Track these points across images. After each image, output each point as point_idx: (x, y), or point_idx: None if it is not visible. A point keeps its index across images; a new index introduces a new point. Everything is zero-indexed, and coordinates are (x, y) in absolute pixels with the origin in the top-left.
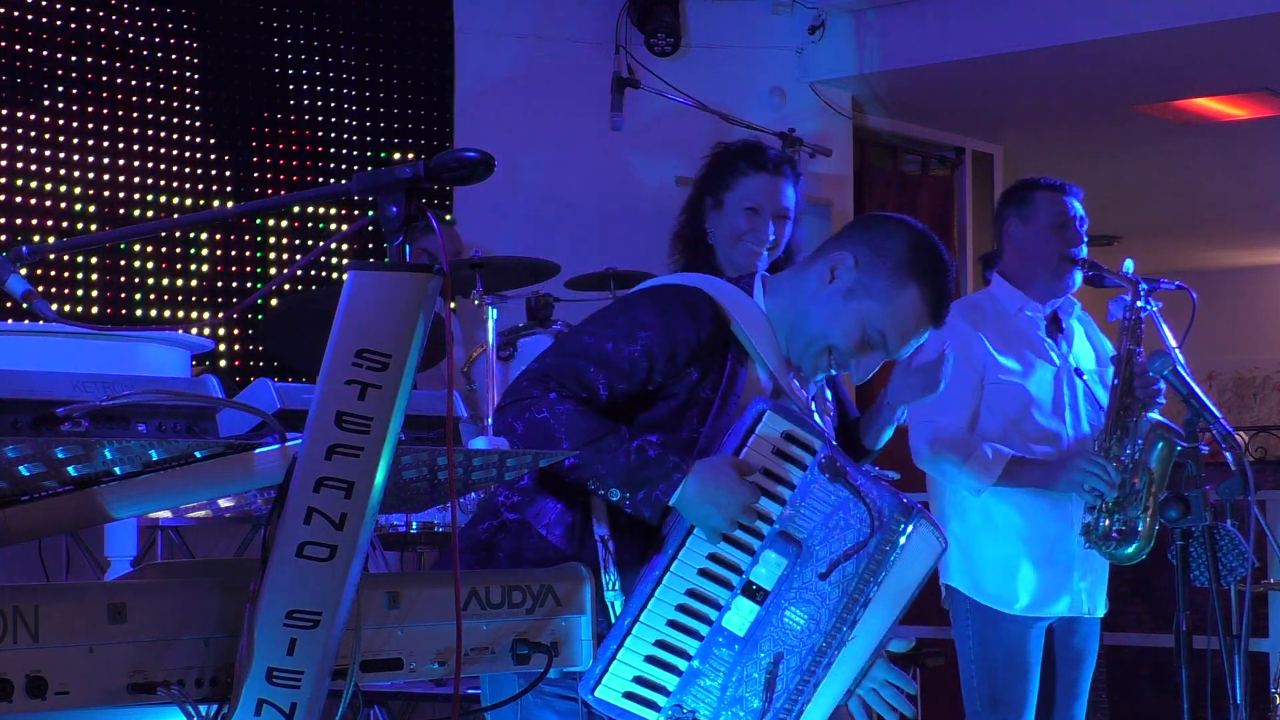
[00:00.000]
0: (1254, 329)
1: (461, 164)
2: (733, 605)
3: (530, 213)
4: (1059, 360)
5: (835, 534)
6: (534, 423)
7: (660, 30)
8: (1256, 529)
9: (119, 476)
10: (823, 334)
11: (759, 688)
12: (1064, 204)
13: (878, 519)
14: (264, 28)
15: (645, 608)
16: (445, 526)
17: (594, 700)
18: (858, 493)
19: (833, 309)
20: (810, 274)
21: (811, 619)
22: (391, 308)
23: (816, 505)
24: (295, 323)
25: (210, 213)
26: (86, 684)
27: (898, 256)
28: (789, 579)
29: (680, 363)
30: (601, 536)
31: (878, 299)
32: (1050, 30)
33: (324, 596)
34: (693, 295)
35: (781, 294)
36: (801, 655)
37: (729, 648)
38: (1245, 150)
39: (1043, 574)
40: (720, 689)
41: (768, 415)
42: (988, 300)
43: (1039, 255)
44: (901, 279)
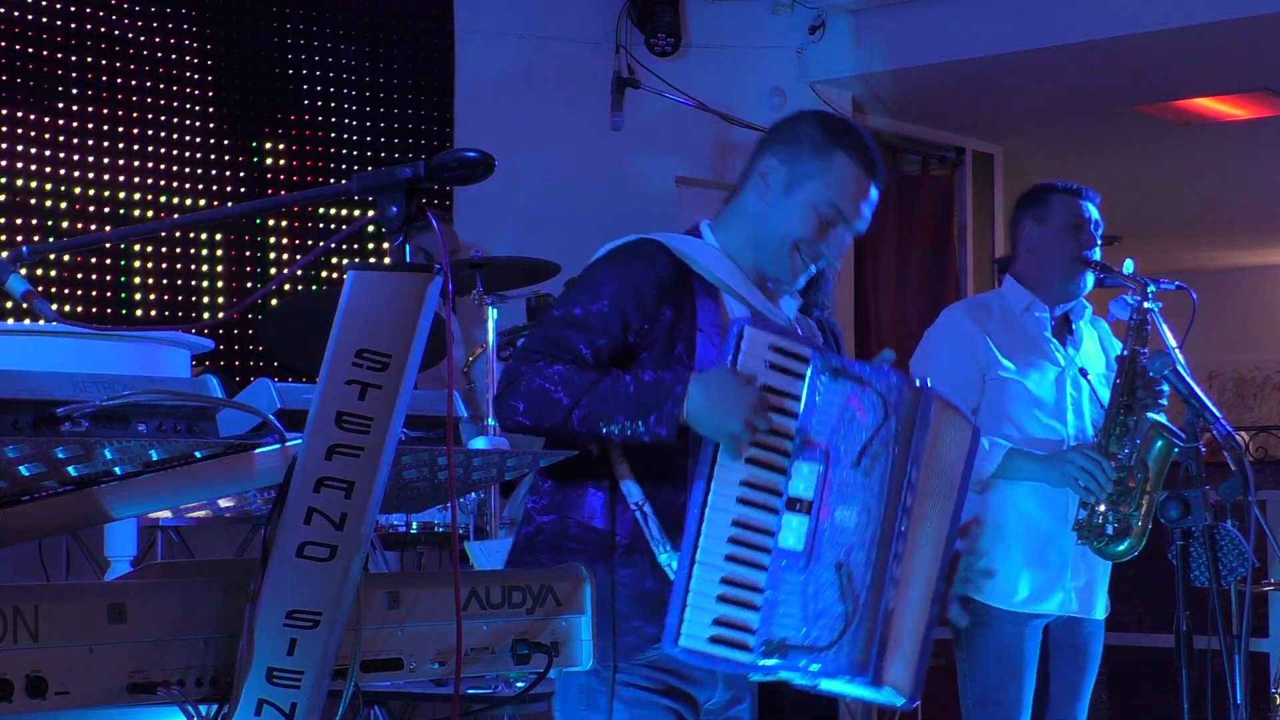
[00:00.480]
0: (1254, 329)
1: (461, 164)
2: (782, 524)
3: (530, 213)
4: (1064, 361)
5: (854, 428)
6: (530, 393)
7: (660, 30)
8: (1256, 529)
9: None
10: (784, 235)
11: (836, 594)
12: (1079, 207)
13: (888, 400)
14: (264, 28)
15: (697, 548)
16: (445, 526)
17: (681, 652)
18: (863, 382)
19: (781, 209)
20: (746, 194)
21: (861, 512)
22: (391, 308)
23: (827, 408)
24: (295, 323)
25: (210, 213)
26: (86, 684)
27: (813, 136)
28: (827, 482)
29: (650, 305)
30: (636, 503)
31: (815, 178)
32: (1050, 30)
33: (324, 596)
34: (642, 244)
35: (729, 226)
36: (865, 550)
37: (794, 567)
38: (1245, 150)
39: (1037, 571)
40: (801, 609)
41: (749, 331)
42: (996, 300)
43: (1052, 257)
44: (826, 151)
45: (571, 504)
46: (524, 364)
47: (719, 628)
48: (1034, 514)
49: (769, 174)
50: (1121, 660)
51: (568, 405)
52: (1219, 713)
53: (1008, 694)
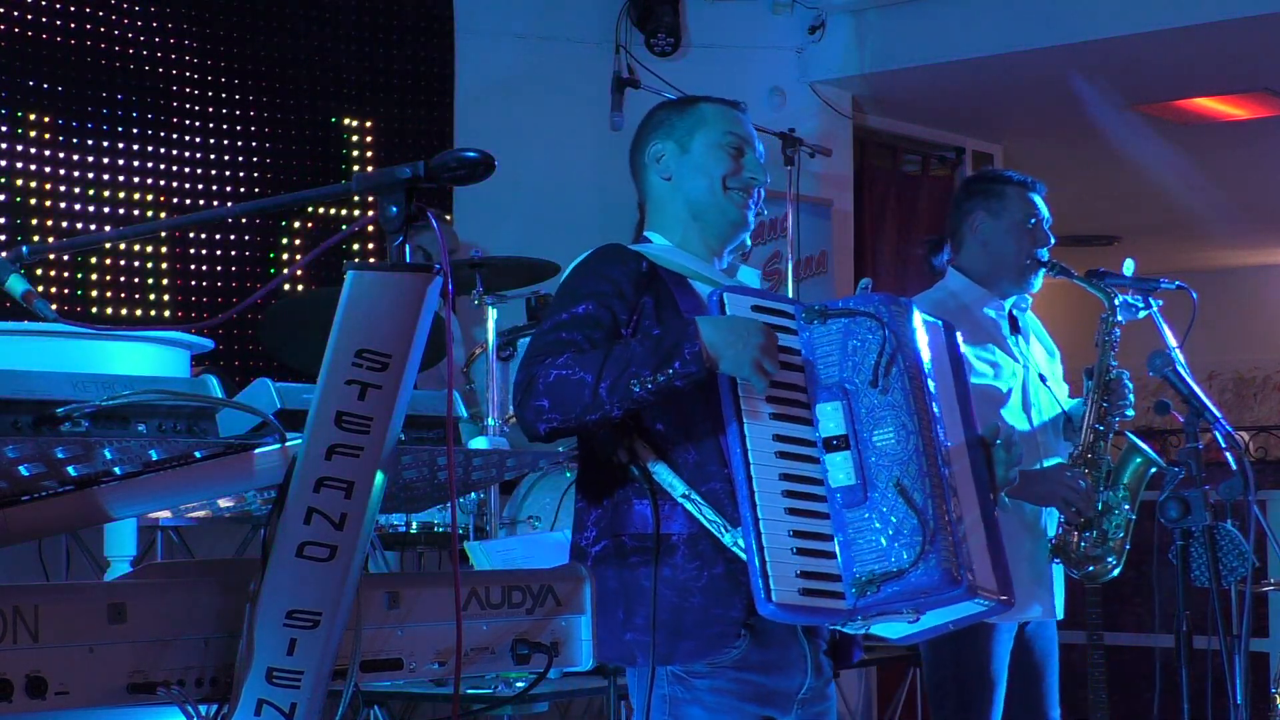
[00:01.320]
0: (1254, 329)
1: (461, 164)
2: (828, 465)
3: (530, 213)
4: (1020, 358)
5: (860, 355)
6: (550, 386)
7: (660, 30)
8: (1257, 529)
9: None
10: (710, 183)
11: (904, 510)
12: (1033, 203)
13: (881, 319)
14: (264, 27)
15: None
16: (445, 526)
17: (776, 609)
18: (852, 314)
19: (690, 167)
20: (654, 191)
21: (898, 429)
22: (391, 308)
23: (828, 349)
24: (295, 323)
25: (210, 213)
26: (86, 684)
27: (669, 112)
28: (854, 413)
29: (630, 296)
30: (683, 495)
31: (697, 128)
32: (1050, 30)
33: (324, 596)
34: (609, 248)
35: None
36: (915, 462)
37: (854, 502)
38: (1245, 150)
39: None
40: (877, 538)
41: (728, 296)
42: (949, 298)
43: (1007, 253)
44: (688, 109)
45: (621, 522)
46: (534, 366)
47: (806, 580)
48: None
49: (661, 157)
50: (1121, 660)
51: (592, 380)
52: (1219, 713)
53: (982, 703)
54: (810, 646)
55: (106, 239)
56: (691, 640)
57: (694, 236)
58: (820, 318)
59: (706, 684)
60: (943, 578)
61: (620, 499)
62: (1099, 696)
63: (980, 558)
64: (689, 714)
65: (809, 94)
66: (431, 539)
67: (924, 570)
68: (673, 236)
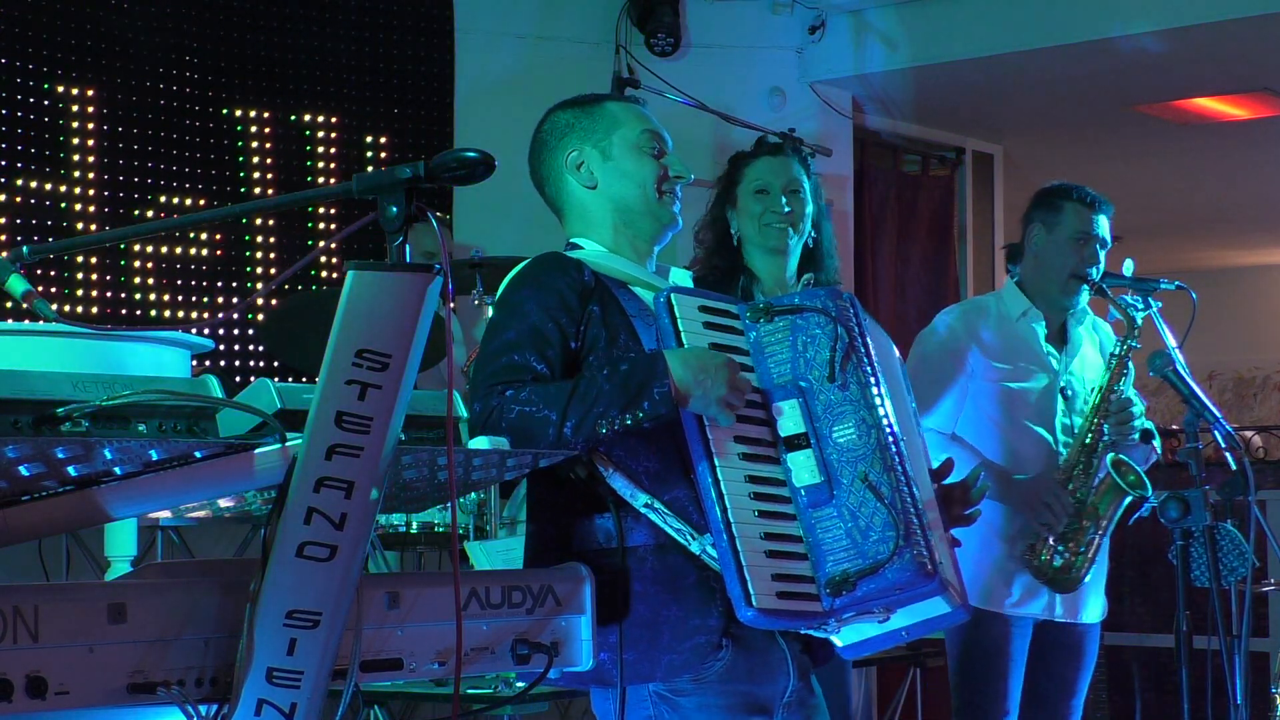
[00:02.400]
0: (1254, 329)
1: (461, 164)
2: (790, 465)
3: (530, 213)
4: (1058, 370)
5: (811, 353)
6: (513, 425)
7: (660, 30)
8: (1257, 529)
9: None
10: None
11: (873, 505)
12: (1090, 220)
13: (830, 313)
14: (264, 27)
15: (727, 513)
16: (445, 526)
17: (757, 615)
18: (799, 309)
19: (618, 173)
20: (568, 194)
21: (857, 423)
22: (391, 308)
23: (778, 347)
24: (295, 323)
25: (210, 213)
26: (86, 684)
27: (574, 114)
28: (812, 411)
29: (575, 307)
30: (646, 504)
31: (613, 130)
32: (1050, 30)
33: (324, 596)
34: (548, 257)
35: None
36: (880, 455)
37: (821, 500)
38: (1245, 150)
39: (1023, 574)
40: (846, 537)
41: (675, 298)
42: (994, 302)
43: (1053, 267)
44: (596, 114)
45: (585, 539)
46: (493, 398)
47: (781, 583)
48: (1017, 516)
49: (580, 165)
50: (1121, 660)
51: (557, 419)
52: (1219, 713)
53: (996, 692)
54: (790, 648)
55: (106, 239)
56: (673, 654)
57: (624, 240)
58: (766, 315)
59: (694, 701)
60: (917, 571)
61: (580, 515)
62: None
63: (945, 556)
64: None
65: (809, 94)
66: (431, 539)
67: (899, 565)
68: (603, 240)
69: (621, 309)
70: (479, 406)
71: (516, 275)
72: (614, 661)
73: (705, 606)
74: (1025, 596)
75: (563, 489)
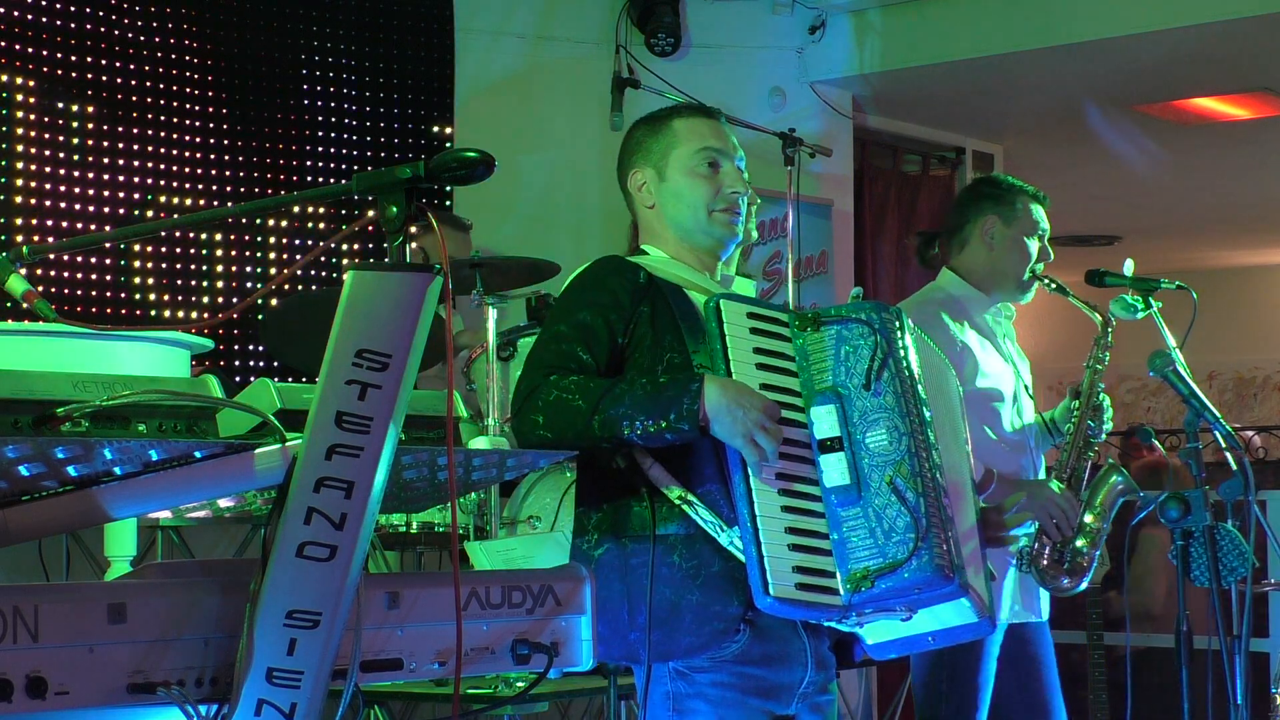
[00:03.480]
0: (1254, 329)
1: (461, 164)
2: (822, 466)
3: (530, 213)
4: (1012, 361)
5: (853, 362)
6: (549, 405)
7: (660, 30)
8: (1257, 529)
9: (119, 476)
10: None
11: (898, 508)
12: (1041, 216)
13: (873, 325)
14: (264, 27)
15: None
16: (445, 526)
17: (774, 603)
18: (844, 319)
19: (672, 195)
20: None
21: (889, 430)
22: (391, 308)
23: (821, 356)
24: (295, 323)
25: (210, 213)
26: (86, 684)
27: (644, 133)
28: (848, 416)
29: (627, 306)
30: (679, 498)
31: (672, 153)
32: (1050, 30)
33: (324, 596)
34: (607, 260)
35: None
36: (908, 462)
37: (849, 500)
38: (1245, 150)
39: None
40: (870, 536)
41: (723, 304)
42: (948, 300)
43: (1012, 262)
44: (660, 132)
45: (621, 526)
46: (537, 377)
47: (801, 575)
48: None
49: (642, 185)
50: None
51: (587, 411)
52: (1219, 713)
53: (971, 703)
54: (812, 641)
55: (106, 239)
56: (691, 636)
57: (685, 253)
58: (814, 324)
59: (708, 678)
60: (935, 573)
61: (619, 502)
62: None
63: (975, 564)
64: (692, 708)
65: (809, 94)
66: (431, 539)
67: (917, 565)
68: (666, 250)
69: (672, 311)
70: (524, 384)
71: (577, 275)
72: (640, 642)
73: (727, 595)
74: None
75: (605, 476)
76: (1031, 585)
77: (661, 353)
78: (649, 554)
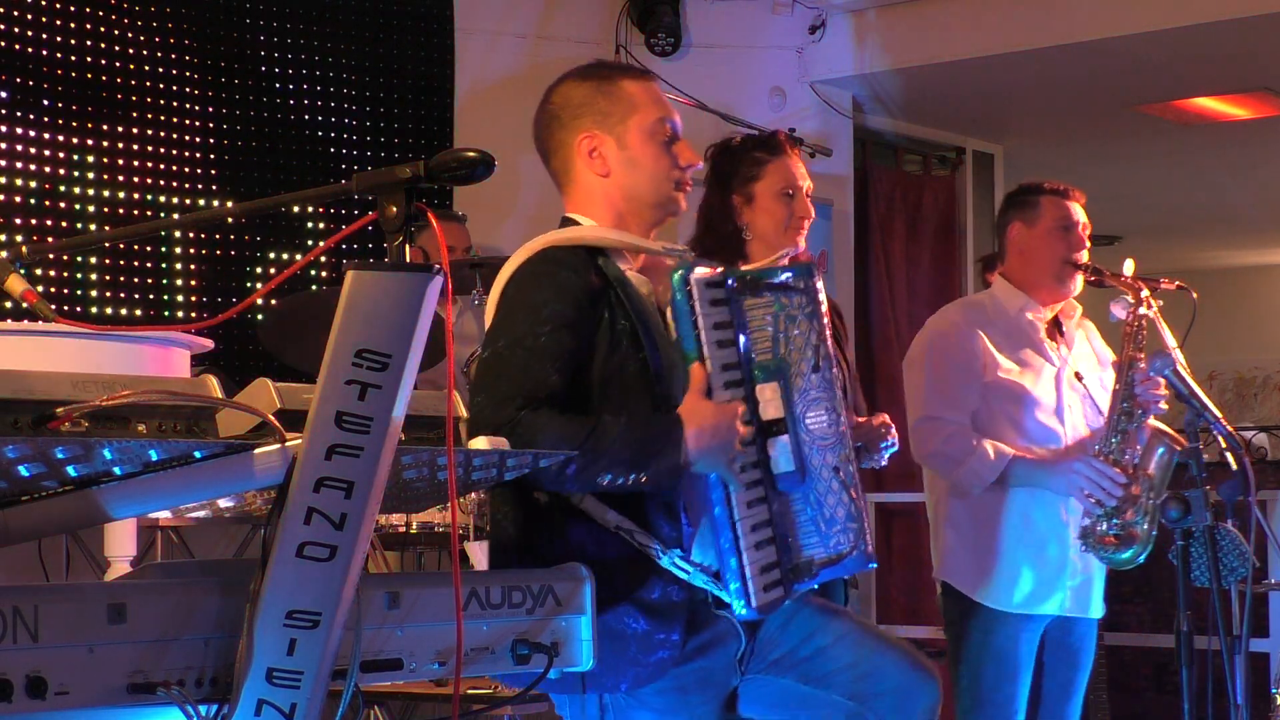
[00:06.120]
0: (1254, 329)
1: (461, 164)
2: (769, 450)
3: (530, 213)
4: (1059, 362)
5: (794, 331)
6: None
7: (660, 30)
8: (1257, 529)
9: (119, 476)
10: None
11: (837, 496)
12: (1067, 208)
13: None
14: (264, 27)
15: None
16: (445, 526)
17: (755, 612)
18: (783, 288)
19: (630, 170)
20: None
21: (828, 410)
22: (391, 308)
23: (760, 324)
24: (295, 323)
25: (210, 212)
26: (86, 684)
27: (591, 92)
28: (790, 397)
29: (587, 309)
30: (616, 526)
31: (630, 119)
32: (1050, 30)
33: (324, 596)
34: (558, 256)
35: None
36: (843, 444)
37: (792, 485)
38: (1245, 150)
39: (1036, 572)
40: (813, 524)
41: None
42: (989, 300)
43: (1042, 259)
44: (613, 95)
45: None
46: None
47: (765, 574)
48: (1032, 513)
49: (592, 149)
50: (1121, 660)
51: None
52: (1219, 713)
53: (1004, 695)
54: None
55: (106, 239)
56: (639, 667)
57: (625, 223)
58: (752, 290)
59: (651, 688)
60: (866, 560)
61: (552, 529)
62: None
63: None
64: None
65: (809, 94)
66: (431, 539)
67: (857, 555)
68: (601, 221)
69: (629, 312)
70: (497, 413)
71: (526, 271)
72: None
73: (670, 622)
74: (1036, 596)
75: (533, 500)
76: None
77: (622, 360)
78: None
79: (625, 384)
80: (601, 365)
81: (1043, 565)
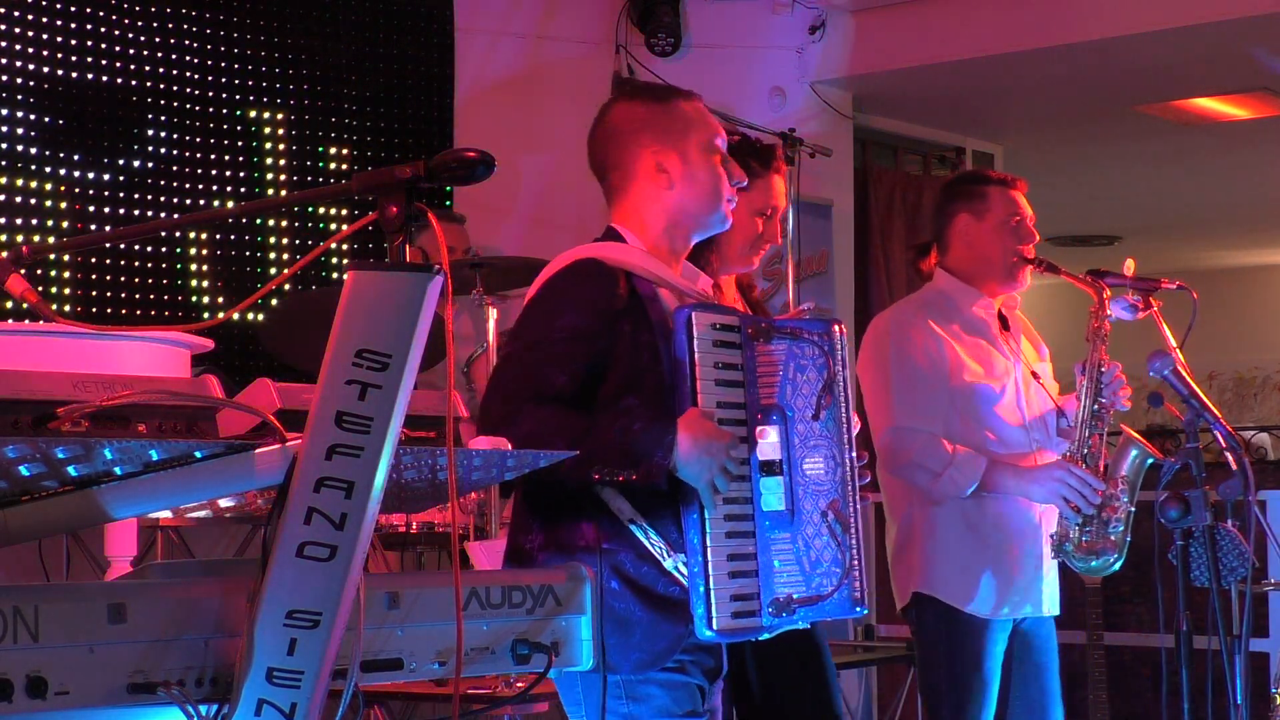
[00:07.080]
0: (1254, 329)
1: (461, 164)
2: (761, 488)
3: (530, 213)
4: (1012, 358)
5: (802, 380)
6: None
7: (660, 30)
8: (1257, 529)
9: (119, 476)
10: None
11: (825, 540)
12: (1016, 201)
13: (823, 347)
14: (263, 27)
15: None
16: (445, 526)
17: (715, 636)
18: (795, 335)
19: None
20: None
21: (827, 458)
22: (392, 308)
23: (770, 369)
24: (295, 323)
25: (210, 213)
26: (86, 684)
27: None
28: (789, 440)
29: (608, 322)
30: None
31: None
32: (1050, 30)
33: (324, 596)
34: (588, 267)
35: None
36: (839, 491)
37: (780, 525)
38: (1245, 150)
39: (1018, 577)
40: (797, 564)
41: (695, 316)
42: (938, 297)
43: (992, 253)
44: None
45: (567, 536)
46: (512, 404)
47: (736, 603)
48: (1005, 516)
49: (658, 163)
50: (1121, 660)
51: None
52: (1219, 713)
53: (985, 700)
54: None
55: (106, 239)
56: (642, 653)
57: (669, 239)
58: (764, 338)
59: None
60: (851, 605)
61: (568, 515)
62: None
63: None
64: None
65: (809, 94)
66: (431, 539)
67: (838, 599)
68: (644, 237)
69: (649, 324)
70: (501, 407)
71: (556, 279)
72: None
73: (673, 615)
74: (1019, 599)
75: (554, 491)
76: (1042, 582)
77: (640, 373)
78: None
79: (641, 395)
80: (620, 375)
81: (1022, 570)
